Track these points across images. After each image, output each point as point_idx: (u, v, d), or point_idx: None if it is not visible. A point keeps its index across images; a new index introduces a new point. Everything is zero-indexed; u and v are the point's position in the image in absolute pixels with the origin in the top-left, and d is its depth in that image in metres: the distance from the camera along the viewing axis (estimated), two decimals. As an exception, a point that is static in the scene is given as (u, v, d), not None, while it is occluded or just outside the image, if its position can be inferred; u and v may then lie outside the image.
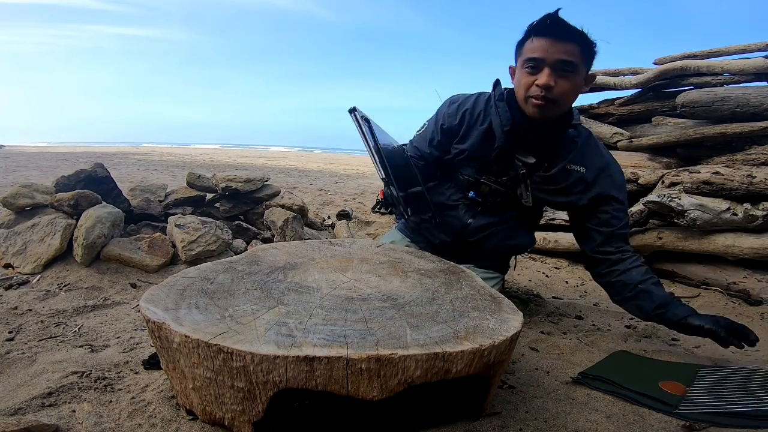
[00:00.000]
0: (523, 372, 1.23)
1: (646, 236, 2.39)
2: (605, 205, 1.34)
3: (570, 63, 1.16)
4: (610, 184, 1.32)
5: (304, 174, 8.31)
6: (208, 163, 10.22)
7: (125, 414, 0.91)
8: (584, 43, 1.18)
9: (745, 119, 2.53)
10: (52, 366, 1.11)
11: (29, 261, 1.91)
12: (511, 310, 0.98)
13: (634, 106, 3.44)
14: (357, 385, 0.76)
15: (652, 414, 1.02)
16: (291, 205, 2.64)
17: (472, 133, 1.36)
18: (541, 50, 1.16)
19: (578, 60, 1.17)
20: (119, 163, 8.42)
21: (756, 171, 2.25)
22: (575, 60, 1.16)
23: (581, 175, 1.30)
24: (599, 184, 1.32)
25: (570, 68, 1.17)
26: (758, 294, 2.05)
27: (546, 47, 1.16)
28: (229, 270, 1.10)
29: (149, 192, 2.58)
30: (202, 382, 0.81)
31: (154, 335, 0.86)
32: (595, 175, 1.31)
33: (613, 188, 1.33)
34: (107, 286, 1.82)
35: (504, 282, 1.66)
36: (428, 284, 1.09)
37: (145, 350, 1.23)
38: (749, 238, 2.14)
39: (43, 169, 6.48)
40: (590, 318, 1.84)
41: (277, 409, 0.78)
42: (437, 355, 0.77)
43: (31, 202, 2.09)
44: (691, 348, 1.54)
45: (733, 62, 2.93)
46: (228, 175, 2.65)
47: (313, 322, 0.84)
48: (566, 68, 1.17)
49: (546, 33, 1.16)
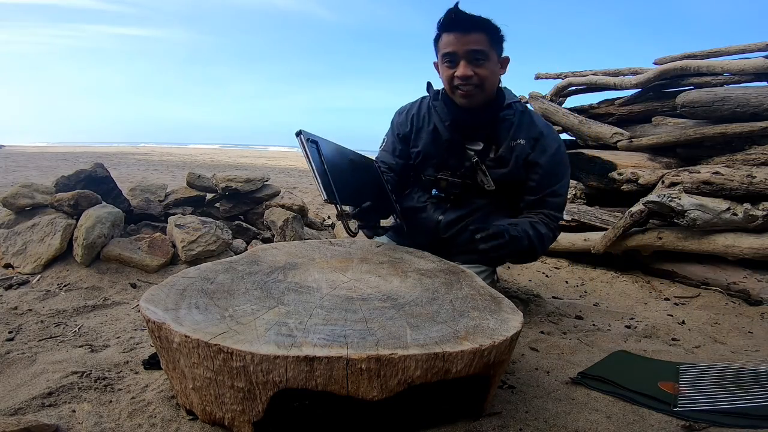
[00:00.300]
0: (523, 372, 1.23)
1: (646, 236, 2.39)
2: (533, 172, 1.37)
3: (480, 51, 1.25)
4: (540, 152, 1.36)
5: (304, 174, 8.31)
6: (208, 163, 10.22)
7: (125, 414, 0.91)
8: (490, 30, 1.26)
9: (745, 119, 2.53)
10: (52, 366, 1.11)
11: (29, 261, 1.91)
12: (511, 310, 0.98)
13: (634, 106, 3.44)
14: (357, 385, 0.76)
15: (652, 414, 1.02)
16: (291, 205, 2.64)
17: (422, 135, 1.45)
18: (452, 44, 1.26)
19: (487, 47, 1.26)
20: (119, 163, 8.42)
21: (756, 171, 2.25)
22: (484, 48, 1.26)
23: (522, 146, 1.37)
24: (533, 153, 1.37)
25: (481, 56, 1.26)
26: (758, 294, 2.05)
27: (455, 41, 1.25)
28: (229, 270, 1.10)
29: (149, 192, 2.58)
30: (202, 382, 0.81)
31: (154, 335, 0.86)
32: (532, 145, 1.37)
33: (542, 156, 1.36)
34: (107, 286, 1.82)
35: (496, 275, 1.64)
36: (428, 284, 1.09)
37: (145, 350, 1.23)
38: (749, 238, 2.14)
39: (43, 169, 6.48)
40: (590, 318, 1.84)
41: (277, 409, 0.78)
42: (437, 355, 0.77)
43: (31, 202, 2.09)
44: (692, 348, 1.55)
45: (733, 62, 2.93)
46: (228, 175, 2.65)
47: (313, 322, 0.84)
48: (478, 57, 1.26)
49: (453, 28, 1.26)
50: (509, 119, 1.38)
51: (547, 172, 1.36)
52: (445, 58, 1.29)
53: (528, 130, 1.37)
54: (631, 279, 2.43)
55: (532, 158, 1.36)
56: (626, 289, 2.28)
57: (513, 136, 1.37)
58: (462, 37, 1.24)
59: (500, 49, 1.31)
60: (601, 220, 2.74)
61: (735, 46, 3.12)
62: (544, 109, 3.78)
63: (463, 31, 1.24)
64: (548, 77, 4.32)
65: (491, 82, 1.32)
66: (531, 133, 1.37)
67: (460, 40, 1.25)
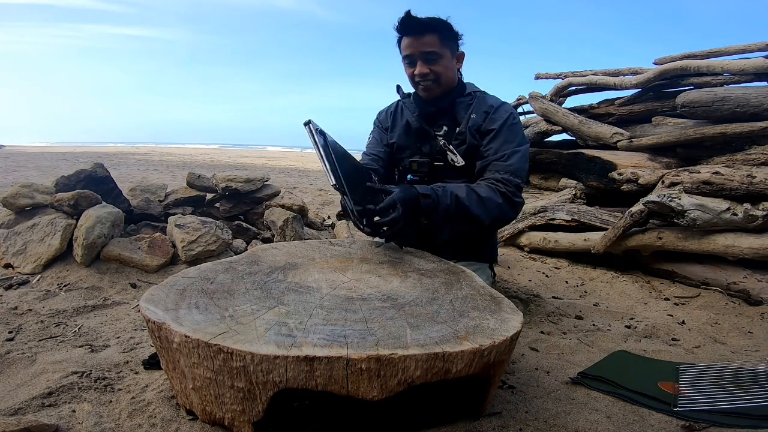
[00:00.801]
0: (523, 372, 1.23)
1: (646, 236, 2.39)
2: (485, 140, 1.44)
3: (433, 52, 1.39)
4: (490, 121, 1.45)
5: (304, 174, 8.31)
6: (208, 163, 10.22)
7: (125, 414, 0.91)
8: (441, 30, 1.39)
9: (745, 119, 2.53)
10: (52, 366, 1.11)
11: (29, 261, 1.91)
12: (511, 310, 0.98)
13: (634, 106, 3.44)
14: (357, 385, 0.76)
15: (652, 414, 1.02)
16: (291, 205, 2.64)
17: (397, 129, 1.61)
18: (409, 47, 1.40)
19: (439, 47, 1.39)
20: (119, 163, 8.42)
21: (756, 171, 2.24)
22: (436, 48, 1.39)
23: (474, 119, 1.47)
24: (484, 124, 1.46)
25: (434, 56, 1.39)
26: (758, 294, 2.05)
27: (411, 44, 1.39)
28: (229, 270, 1.10)
29: (149, 192, 2.58)
30: (202, 382, 0.81)
31: (154, 335, 0.86)
32: (483, 117, 1.47)
33: (492, 124, 1.44)
34: (107, 286, 1.82)
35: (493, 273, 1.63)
36: (428, 284, 1.09)
37: (145, 350, 1.23)
38: (749, 238, 2.13)
39: (43, 169, 6.48)
40: (590, 318, 1.84)
41: (277, 409, 0.78)
42: (437, 355, 0.77)
43: (31, 202, 2.09)
44: (692, 348, 1.55)
45: (733, 62, 2.93)
46: (228, 175, 2.65)
47: (313, 322, 0.84)
48: (431, 57, 1.40)
49: (406, 32, 1.40)
50: (466, 102, 1.51)
51: (496, 137, 1.43)
52: (405, 60, 1.44)
53: (480, 106, 1.48)
54: (631, 279, 2.42)
55: (484, 128, 1.45)
56: (626, 289, 2.28)
57: (469, 114, 1.48)
58: (416, 40, 1.38)
59: (454, 45, 1.45)
60: (601, 220, 2.74)
61: (735, 46, 3.12)
62: (544, 109, 3.79)
63: (416, 35, 1.38)
64: (548, 77, 4.32)
65: (446, 76, 1.45)
66: (482, 107, 1.48)
67: (414, 42, 1.39)
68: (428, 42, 1.38)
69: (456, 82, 1.51)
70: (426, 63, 1.40)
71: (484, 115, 1.46)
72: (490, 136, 1.42)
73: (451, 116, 1.50)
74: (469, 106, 1.49)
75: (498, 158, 1.39)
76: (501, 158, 1.39)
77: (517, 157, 1.40)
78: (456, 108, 1.50)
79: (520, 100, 4.31)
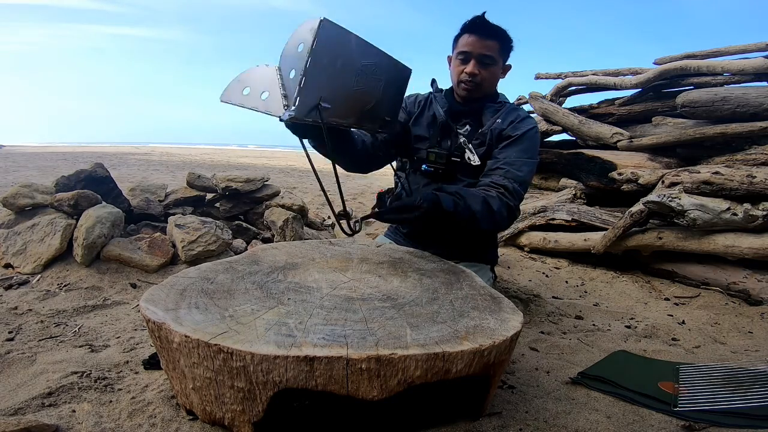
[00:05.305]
0: (523, 372, 1.23)
1: (646, 236, 2.39)
2: (501, 143, 1.47)
3: (490, 57, 1.44)
4: (512, 128, 1.47)
5: (304, 174, 8.30)
6: (208, 163, 10.22)
7: (125, 414, 0.91)
8: (503, 40, 1.46)
9: (745, 119, 2.53)
10: (52, 366, 1.11)
11: (29, 261, 1.91)
12: (511, 310, 0.98)
13: (634, 106, 3.44)
14: (357, 385, 0.76)
15: (652, 414, 1.02)
16: (291, 205, 2.64)
17: (422, 120, 1.62)
18: (469, 45, 1.44)
19: (497, 54, 1.45)
20: (119, 163, 8.42)
21: (756, 171, 2.24)
22: (494, 54, 1.45)
23: (499, 123, 1.50)
24: (507, 129, 1.49)
25: (489, 61, 1.45)
26: (758, 294, 2.05)
27: (473, 43, 1.43)
28: (229, 270, 1.10)
29: (149, 192, 2.58)
30: (202, 382, 0.81)
31: (154, 335, 0.86)
32: (508, 123, 1.50)
33: (513, 131, 1.46)
34: (107, 286, 1.82)
35: (495, 274, 1.64)
36: (428, 284, 1.09)
37: (145, 350, 1.23)
38: (749, 238, 2.13)
39: (43, 169, 6.48)
40: (590, 318, 1.84)
41: (277, 409, 0.78)
42: (437, 355, 0.77)
43: (31, 202, 2.09)
44: (692, 348, 1.55)
45: (733, 62, 2.93)
46: (228, 175, 2.65)
47: (313, 322, 0.84)
48: (487, 60, 1.45)
49: (474, 31, 1.44)
50: (495, 107, 1.54)
51: (514, 144, 1.45)
52: (460, 55, 1.47)
53: (508, 114, 1.51)
54: (631, 279, 2.43)
55: (505, 133, 1.47)
56: (626, 289, 2.28)
57: (495, 119, 1.52)
58: (479, 40, 1.43)
59: (507, 57, 1.51)
60: (601, 220, 2.74)
61: (735, 46, 3.12)
62: (544, 109, 3.78)
63: (481, 36, 1.43)
64: (548, 77, 4.32)
65: (490, 83, 1.51)
66: (510, 116, 1.50)
67: (477, 43, 1.43)
68: (489, 46, 1.43)
69: (494, 92, 1.56)
70: (479, 64, 1.44)
71: (510, 123, 1.49)
72: (508, 142, 1.45)
73: (477, 118, 1.54)
74: (496, 111, 1.52)
75: (510, 164, 1.40)
76: (513, 165, 1.40)
77: (527, 170, 1.43)
78: (484, 111, 1.53)
79: (520, 100, 4.31)
